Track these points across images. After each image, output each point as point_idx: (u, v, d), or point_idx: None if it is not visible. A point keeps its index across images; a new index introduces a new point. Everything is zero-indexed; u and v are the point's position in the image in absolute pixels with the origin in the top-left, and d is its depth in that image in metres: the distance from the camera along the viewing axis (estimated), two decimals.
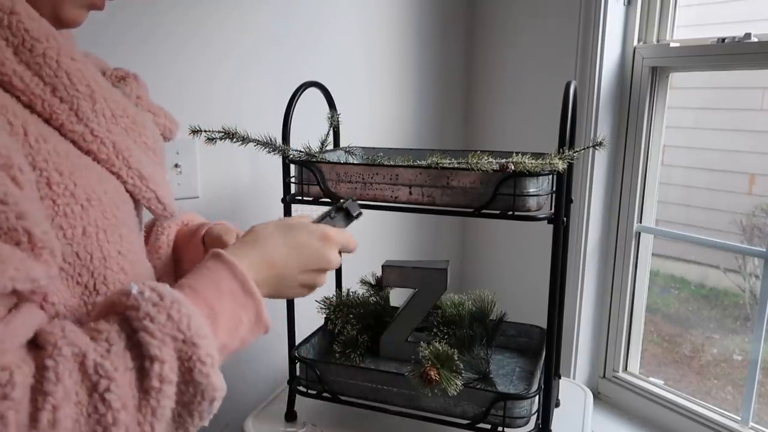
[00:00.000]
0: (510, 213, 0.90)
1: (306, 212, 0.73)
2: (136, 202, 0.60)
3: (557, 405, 1.16)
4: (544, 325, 0.99)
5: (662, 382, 1.53)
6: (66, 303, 0.50)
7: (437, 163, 0.92)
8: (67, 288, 0.51)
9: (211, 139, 0.96)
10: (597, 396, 1.61)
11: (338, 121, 1.19)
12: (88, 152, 0.54)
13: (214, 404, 0.48)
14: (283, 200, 1.05)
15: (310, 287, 0.63)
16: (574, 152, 0.91)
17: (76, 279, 0.51)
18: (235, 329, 0.51)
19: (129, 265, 0.56)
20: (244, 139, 0.97)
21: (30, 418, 0.39)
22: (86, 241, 0.51)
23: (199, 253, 0.77)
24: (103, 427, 0.41)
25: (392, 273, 1.14)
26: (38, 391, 0.40)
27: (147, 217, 0.73)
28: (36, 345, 0.43)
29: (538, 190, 0.90)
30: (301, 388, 1.10)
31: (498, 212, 0.91)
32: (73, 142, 0.53)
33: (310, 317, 1.22)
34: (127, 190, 0.58)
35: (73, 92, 0.52)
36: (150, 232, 0.80)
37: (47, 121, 0.51)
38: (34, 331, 0.44)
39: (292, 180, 1.04)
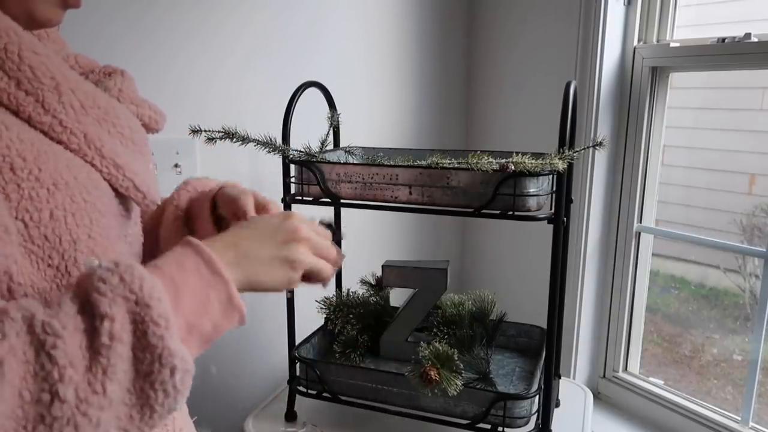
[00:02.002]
0: (510, 213, 0.90)
1: None
2: (118, 191, 0.61)
3: (557, 405, 1.16)
4: (544, 325, 0.99)
5: (662, 382, 1.53)
6: (35, 284, 0.51)
7: (437, 163, 0.93)
8: (37, 270, 0.51)
9: (211, 139, 0.96)
10: (597, 396, 1.61)
11: (338, 121, 1.19)
12: (59, 143, 0.54)
13: (177, 376, 0.46)
14: (283, 200, 1.05)
15: (289, 262, 0.59)
16: (574, 152, 0.91)
17: (47, 261, 0.52)
18: (203, 309, 0.50)
19: (100, 249, 0.57)
20: (244, 139, 0.97)
21: None
22: (54, 224, 0.52)
23: (207, 219, 0.74)
24: (50, 384, 0.41)
25: (392, 273, 1.14)
26: None
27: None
28: None
29: (538, 190, 0.90)
30: (301, 388, 1.10)
31: (498, 212, 0.91)
32: (44, 133, 0.53)
33: (310, 317, 1.22)
34: (104, 179, 0.58)
35: (37, 84, 0.52)
36: (164, 206, 0.80)
37: (15, 113, 0.52)
38: None
39: (292, 180, 1.04)
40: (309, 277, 0.62)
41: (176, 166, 1.22)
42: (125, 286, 0.45)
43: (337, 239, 0.67)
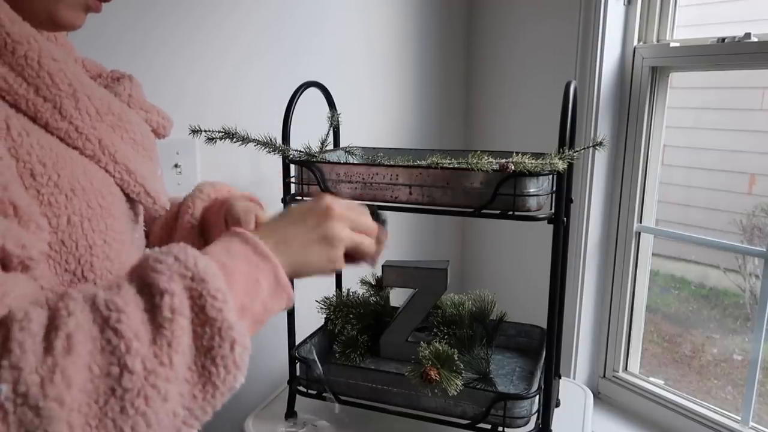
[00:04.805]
0: (510, 213, 0.90)
1: None
2: (129, 196, 0.61)
3: (557, 405, 1.16)
4: (544, 325, 0.99)
5: (662, 382, 1.53)
6: (53, 288, 0.51)
7: (437, 163, 0.92)
8: (55, 275, 0.52)
9: (211, 139, 0.96)
10: (597, 396, 1.61)
11: (338, 121, 1.19)
12: (75, 148, 0.55)
13: (236, 350, 0.46)
14: (283, 200, 1.05)
15: (326, 239, 0.59)
16: (574, 152, 0.91)
17: (64, 266, 0.53)
18: (253, 290, 0.51)
19: (115, 254, 0.58)
20: (244, 139, 0.97)
21: (45, 347, 0.40)
22: (71, 229, 0.53)
23: (222, 230, 0.76)
24: (117, 357, 0.41)
25: (392, 273, 1.14)
26: (52, 326, 0.41)
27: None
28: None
29: (538, 190, 0.90)
30: (301, 388, 1.10)
31: (498, 212, 0.91)
32: (60, 139, 0.54)
33: (310, 317, 1.22)
34: (117, 184, 0.59)
35: (55, 91, 0.53)
36: (178, 212, 0.80)
37: (33, 119, 0.52)
38: (34, 291, 0.45)
39: (292, 180, 1.04)
40: (353, 256, 0.63)
41: (176, 166, 1.22)
42: (180, 264, 0.46)
43: (379, 221, 0.67)
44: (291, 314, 1.10)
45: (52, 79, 0.53)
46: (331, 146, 1.19)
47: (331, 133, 1.18)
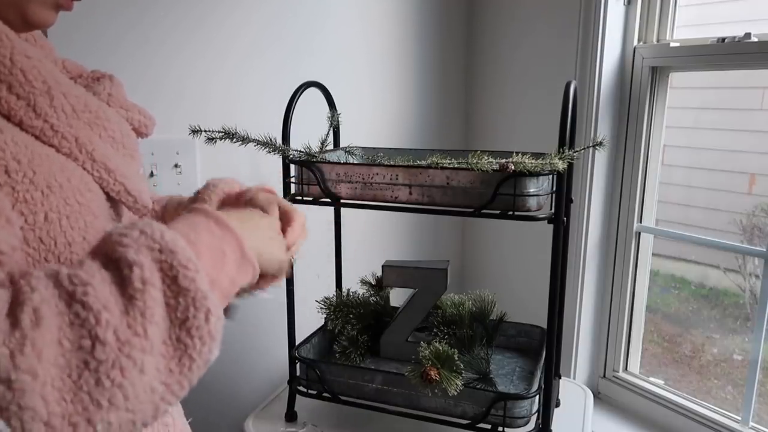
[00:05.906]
0: (510, 213, 0.90)
1: None
2: (110, 195, 0.61)
3: (557, 405, 1.16)
4: (544, 325, 0.99)
5: (662, 382, 1.53)
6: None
7: (437, 163, 0.92)
8: None
9: (211, 139, 0.96)
10: (597, 396, 1.61)
11: (338, 121, 1.19)
12: (51, 146, 0.55)
13: (211, 320, 0.46)
14: None
15: (276, 230, 0.64)
16: (574, 152, 0.91)
17: (43, 264, 0.52)
18: (220, 264, 0.50)
19: None
20: (244, 139, 0.97)
21: (11, 322, 0.39)
22: (48, 226, 0.52)
23: None
24: (88, 329, 0.41)
25: (392, 273, 1.14)
26: (16, 303, 0.40)
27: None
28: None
29: (538, 190, 0.90)
30: (301, 388, 1.10)
31: (498, 212, 0.91)
32: (36, 137, 0.54)
33: (310, 317, 1.22)
34: (96, 182, 0.59)
35: (29, 89, 0.53)
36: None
37: (7, 117, 0.52)
38: None
39: (292, 180, 1.04)
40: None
41: (176, 166, 1.22)
42: (147, 237, 0.46)
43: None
44: (291, 314, 1.10)
45: (25, 77, 0.52)
46: (331, 146, 1.19)
47: (331, 133, 1.18)
